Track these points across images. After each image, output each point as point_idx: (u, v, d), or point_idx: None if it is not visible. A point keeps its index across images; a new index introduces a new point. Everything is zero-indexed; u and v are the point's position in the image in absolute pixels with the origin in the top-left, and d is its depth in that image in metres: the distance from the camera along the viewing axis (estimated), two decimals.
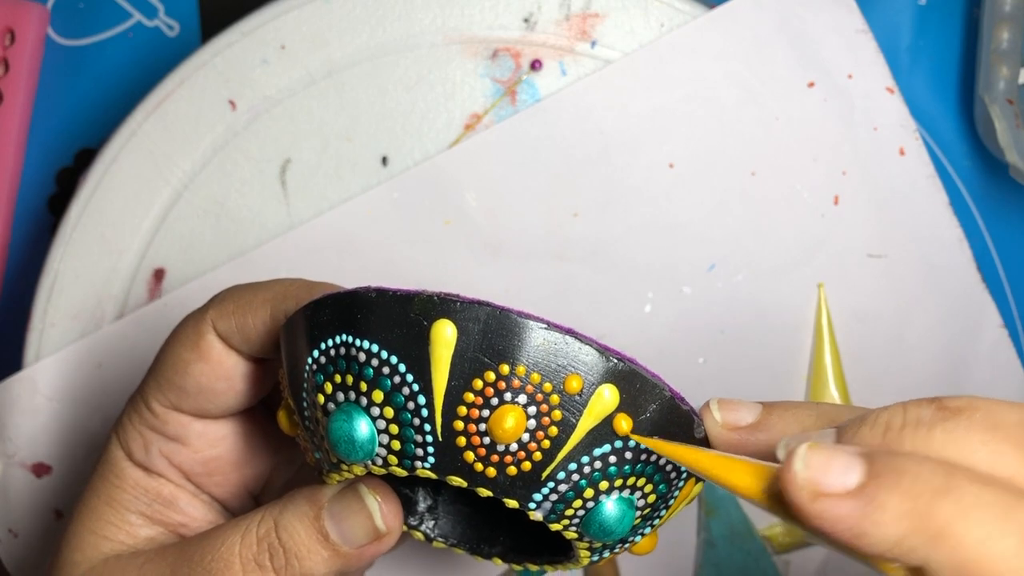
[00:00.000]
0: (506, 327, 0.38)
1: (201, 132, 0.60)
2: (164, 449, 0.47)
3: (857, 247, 0.61)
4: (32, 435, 0.62)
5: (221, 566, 0.43)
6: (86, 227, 0.61)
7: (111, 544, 0.46)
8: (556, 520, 0.40)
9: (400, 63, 0.60)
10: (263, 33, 0.60)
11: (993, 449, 0.34)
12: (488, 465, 0.38)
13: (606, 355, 0.38)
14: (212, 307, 0.45)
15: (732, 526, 0.62)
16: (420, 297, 0.38)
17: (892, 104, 0.60)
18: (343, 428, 0.38)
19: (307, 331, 0.40)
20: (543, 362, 0.38)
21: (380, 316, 0.38)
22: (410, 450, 0.39)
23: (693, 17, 0.60)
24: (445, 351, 0.38)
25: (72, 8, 0.68)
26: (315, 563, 0.43)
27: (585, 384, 0.38)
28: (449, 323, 0.38)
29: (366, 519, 0.43)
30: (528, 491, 0.39)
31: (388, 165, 0.61)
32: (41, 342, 0.61)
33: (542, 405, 0.38)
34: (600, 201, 0.61)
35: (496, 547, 0.47)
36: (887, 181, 0.61)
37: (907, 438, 0.34)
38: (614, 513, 0.39)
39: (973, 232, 0.66)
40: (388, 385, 0.38)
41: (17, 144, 0.68)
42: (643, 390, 0.39)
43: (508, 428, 0.37)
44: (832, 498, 0.33)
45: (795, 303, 0.62)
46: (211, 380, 0.46)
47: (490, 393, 0.38)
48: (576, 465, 0.39)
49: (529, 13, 0.60)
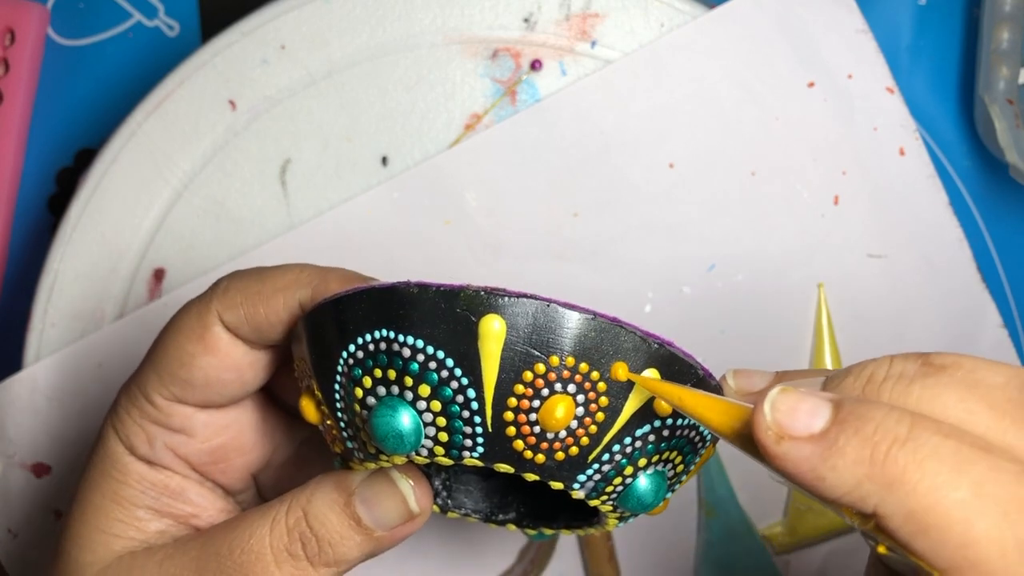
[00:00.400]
0: (554, 319, 0.38)
1: (201, 132, 0.60)
2: (169, 442, 0.47)
3: (857, 247, 0.61)
4: (32, 435, 0.62)
5: (252, 558, 0.43)
6: (86, 227, 0.61)
7: (122, 542, 0.46)
8: (596, 497, 0.41)
9: (400, 63, 0.60)
10: (263, 33, 0.60)
11: (967, 407, 0.34)
12: (538, 452, 0.39)
13: (648, 341, 0.39)
14: (216, 297, 0.45)
15: (732, 526, 0.62)
16: (466, 292, 0.39)
17: (892, 104, 0.60)
18: (389, 423, 0.39)
19: (338, 325, 0.41)
20: (590, 351, 0.39)
21: (423, 312, 0.39)
22: (458, 441, 0.39)
23: (693, 17, 0.60)
24: (495, 346, 0.38)
25: (72, 8, 0.68)
26: (348, 548, 0.43)
27: (629, 370, 0.39)
28: (497, 317, 0.38)
29: (400, 502, 0.43)
30: (573, 473, 0.40)
31: (388, 165, 0.61)
32: (41, 342, 0.61)
33: (590, 393, 0.39)
34: (600, 201, 0.61)
35: (510, 514, 0.48)
36: (887, 181, 0.61)
37: (887, 390, 0.35)
38: (650, 487, 0.41)
39: (973, 232, 0.66)
40: (435, 379, 0.39)
41: (17, 144, 0.68)
42: (680, 371, 0.40)
43: (559, 418, 0.39)
44: (795, 441, 0.34)
45: (795, 303, 0.62)
46: (218, 372, 0.45)
47: (540, 385, 0.39)
48: (619, 446, 0.40)
49: (529, 13, 0.60)
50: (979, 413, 0.34)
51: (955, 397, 0.34)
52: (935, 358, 0.36)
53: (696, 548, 0.63)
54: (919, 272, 0.62)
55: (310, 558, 0.43)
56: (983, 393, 0.35)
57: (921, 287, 0.62)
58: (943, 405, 0.34)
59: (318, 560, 0.43)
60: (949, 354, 0.36)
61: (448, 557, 0.62)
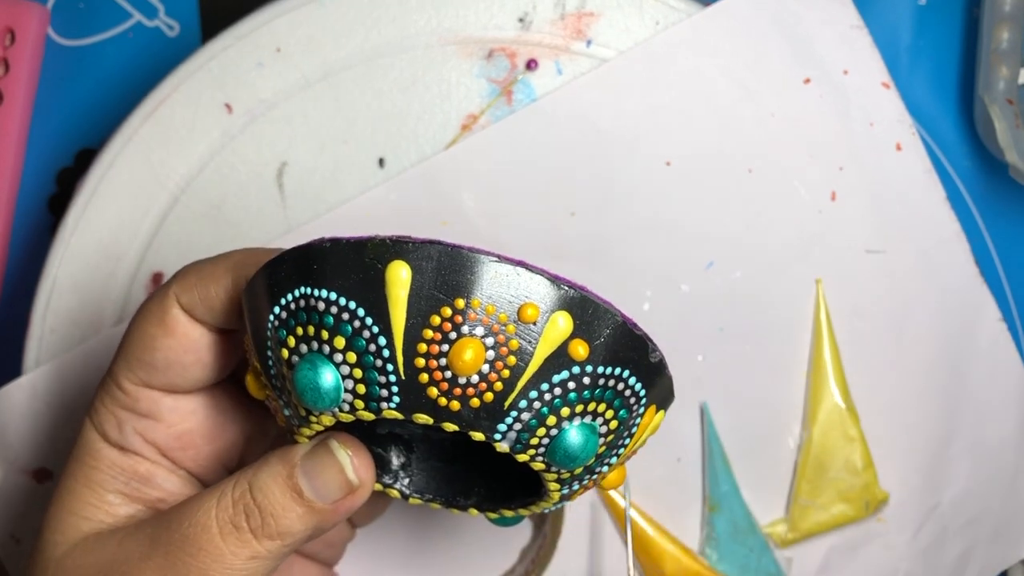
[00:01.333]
0: (458, 263, 0.38)
1: (197, 136, 0.60)
2: (138, 427, 0.47)
3: (855, 243, 0.61)
4: (33, 441, 0.62)
5: (198, 530, 0.43)
6: (84, 232, 0.61)
7: (90, 524, 0.47)
8: (522, 450, 0.40)
9: (395, 65, 0.60)
10: (258, 36, 0.60)
11: None
12: (452, 399, 0.39)
13: (557, 284, 0.39)
14: (175, 282, 0.46)
15: (735, 522, 0.62)
16: (373, 241, 0.39)
17: (888, 99, 0.60)
18: (308, 377, 0.39)
19: (267, 290, 0.41)
20: (497, 294, 0.39)
21: (336, 264, 0.39)
22: (375, 392, 0.39)
23: (688, 15, 0.60)
24: (401, 291, 0.38)
25: (72, 8, 0.68)
26: (291, 521, 0.44)
27: (539, 313, 0.39)
28: (403, 264, 0.38)
29: (338, 473, 0.44)
30: (492, 422, 0.40)
31: (385, 167, 0.61)
32: (41, 348, 0.62)
33: (499, 336, 0.39)
34: (597, 200, 0.61)
35: (471, 498, 0.48)
36: (884, 176, 0.61)
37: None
38: (578, 439, 0.40)
39: (973, 232, 0.65)
40: (349, 331, 0.39)
41: (17, 144, 0.68)
42: (596, 316, 0.40)
43: (467, 360, 0.38)
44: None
45: (793, 299, 0.62)
46: (178, 354, 0.46)
47: (448, 328, 0.38)
48: (536, 393, 0.39)
49: (524, 13, 0.59)
50: None
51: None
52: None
53: (699, 544, 0.63)
54: (917, 267, 0.61)
55: (253, 530, 0.43)
56: None
57: (919, 282, 0.62)
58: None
59: (261, 532, 0.43)
60: None
61: (449, 557, 0.63)
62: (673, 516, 0.63)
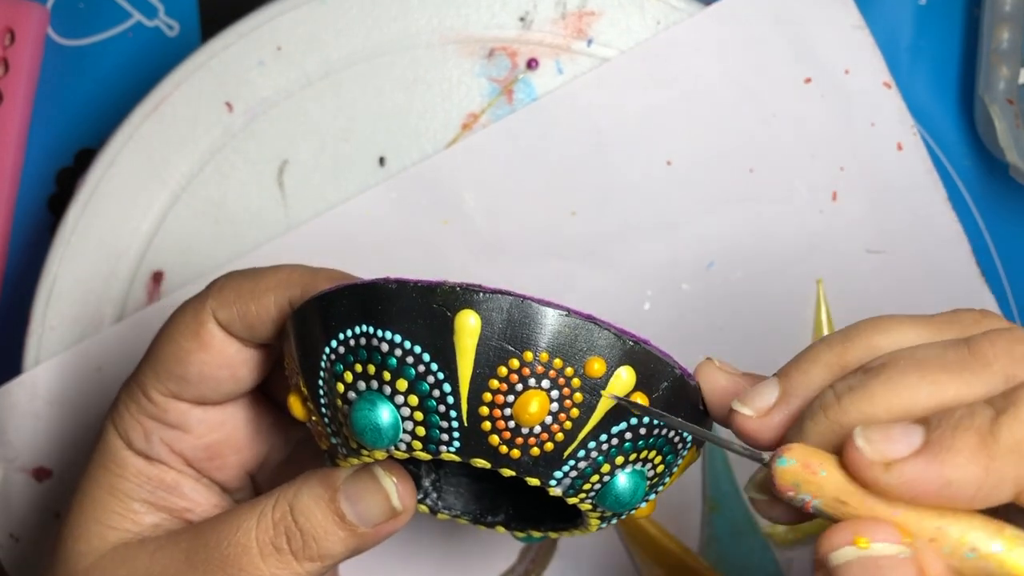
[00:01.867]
0: (528, 315, 0.39)
1: (198, 134, 0.60)
2: (165, 437, 0.47)
3: (856, 243, 0.61)
4: (32, 439, 0.62)
5: (238, 551, 0.44)
6: (84, 230, 0.61)
7: (117, 533, 0.47)
8: (574, 495, 0.41)
9: (396, 63, 0.60)
10: (259, 35, 0.60)
11: (930, 380, 0.35)
12: (512, 447, 0.40)
13: (623, 339, 0.40)
14: (212, 295, 0.46)
15: (735, 523, 0.62)
16: (443, 288, 0.39)
17: (889, 99, 0.60)
18: (368, 417, 0.40)
19: (322, 321, 0.41)
20: (564, 347, 0.39)
21: (402, 307, 0.40)
22: (435, 435, 0.40)
23: (689, 14, 0.60)
24: (470, 340, 0.39)
25: (72, 8, 0.68)
26: (332, 544, 0.44)
27: (605, 367, 0.40)
28: (473, 313, 0.39)
29: (383, 499, 0.44)
30: (549, 469, 0.40)
31: (385, 165, 0.61)
32: (40, 346, 0.61)
33: (564, 389, 0.39)
34: (598, 199, 0.61)
35: (499, 516, 0.48)
36: (885, 176, 0.61)
37: (848, 405, 0.36)
38: (628, 485, 0.41)
39: (973, 232, 0.65)
40: (412, 374, 0.39)
41: (17, 144, 0.68)
42: (656, 369, 0.41)
43: (533, 412, 0.39)
44: (904, 463, 0.34)
45: (794, 299, 0.62)
46: (212, 369, 0.46)
47: (515, 380, 0.39)
48: (595, 443, 0.40)
49: (525, 12, 0.60)
50: (942, 382, 0.35)
51: (916, 378, 0.36)
52: (870, 364, 0.37)
53: (699, 544, 0.63)
54: (918, 267, 0.61)
55: (294, 552, 0.44)
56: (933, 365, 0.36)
57: (920, 282, 0.62)
58: (908, 388, 0.36)
59: (302, 554, 0.44)
60: (878, 356, 0.37)
61: (449, 557, 0.63)
62: (673, 516, 0.63)
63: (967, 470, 0.33)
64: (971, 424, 0.34)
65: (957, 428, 0.34)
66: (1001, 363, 0.35)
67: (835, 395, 0.36)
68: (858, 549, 0.35)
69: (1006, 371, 0.35)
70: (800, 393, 0.39)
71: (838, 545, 0.35)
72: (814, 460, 0.36)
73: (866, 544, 0.35)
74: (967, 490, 0.34)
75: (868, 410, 0.36)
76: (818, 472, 0.36)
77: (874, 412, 0.36)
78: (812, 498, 0.36)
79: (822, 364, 0.39)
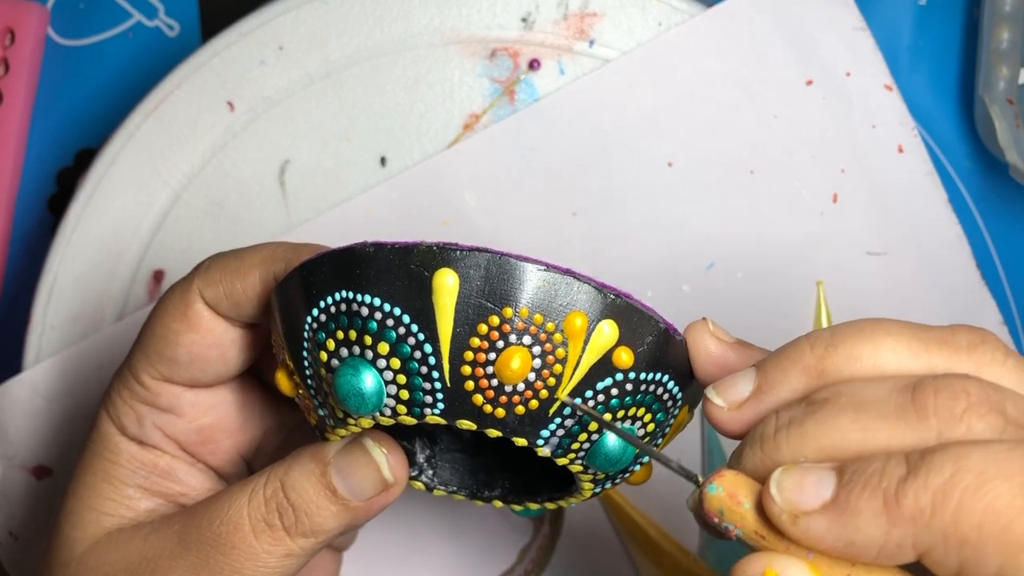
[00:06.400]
0: (506, 271, 0.39)
1: (200, 133, 0.61)
2: (157, 421, 0.47)
3: (856, 245, 0.61)
4: (32, 437, 0.62)
5: (230, 529, 0.44)
6: (85, 229, 0.61)
7: (112, 519, 0.47)
8: (563, 455, 0.41)
9: (398, 63, 0.60)
10: (261, 34, 0.60)
11: (862, 427, 0.35)
12: (497, 406, 0.39)
13: (604, 292, 0.39)
14: (198, 276, 0.46)
15: None
16: (419, 248, 0.39)
17: (890, 101, 0.60)
18: (351, 382, 0.39)
19: (304, 290, 0.41)
20: (544, 303, 0.39)
21: (380, 270, 0.39)
22: (419, 398, 0.40)
23: (691, 16, 0.60)
24: (448, 299, 0.39)
25: (72, 8, 0.68)
26: (324, 519, 0.44)
27: (587, 322, 0.39)
28: (450, 271, 0.39)
29: (373, 471, 0.44)
30: (536, 428, 0.40)
31: (387, 165, 0.61)
32: (41, 344, 0.61)
33: (546, 344, 0.39)
34: (599, 200, 0.61)
35: (496, 490, 0.48)
36: (886, 178, 0.61)
37: (782, 441, 0.36)
38: (618, 444, 0.41)
39: (973, 232, 0.66)
40: (393, 336, 0.39)
41: (17, 144, 0.68)
42: (639, 323, 0.40)
43: (515, 369, 0.39)
44: (810, 516, 0.34)
45: (794, 301, 0.62)
46: (202, 349, 0.46)
47: (495, 337, 0.39)
48: (580, 400, 0.40)
49: (527, 13, 0.60)
50: (874, 428, 0.35)
51: (848, 421, 0.35)
52: (815, 395, 0.37)
53: (698, 545, 0.63)
54: (918, 269, 0.61)
55: (287, 528, 0.44)
56: (870, 410, 0.35)
57: (920, 284, 0.62)
58: (840, 431, 0.35)
59: (295, 530, 0.44)
60: (827, 387, 0.37)
61: (449, 557, 0.63)
62: (672, 517, 0.63)
63: (868, 533, 0.33)
64: (879, 484, 0.33)
65: (865, 487, 0.33)
66: (939, 418, 0.35)
67: (775, 427, 0.36)
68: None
69: (940, 427, 0.35)
70: (774, 393, 0.38)
71: (751, 575, 0.35)
72: (741, 491, 0.36)
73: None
74: (869, 551, 0.33)
75: (798, 449, 0.36)
76: (742, 504, 0.36)
77: (804, 451, 0.36)
78: (735, 527, 0.36)
79: (801, 368, 0.38)
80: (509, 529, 0.63)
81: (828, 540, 0.34)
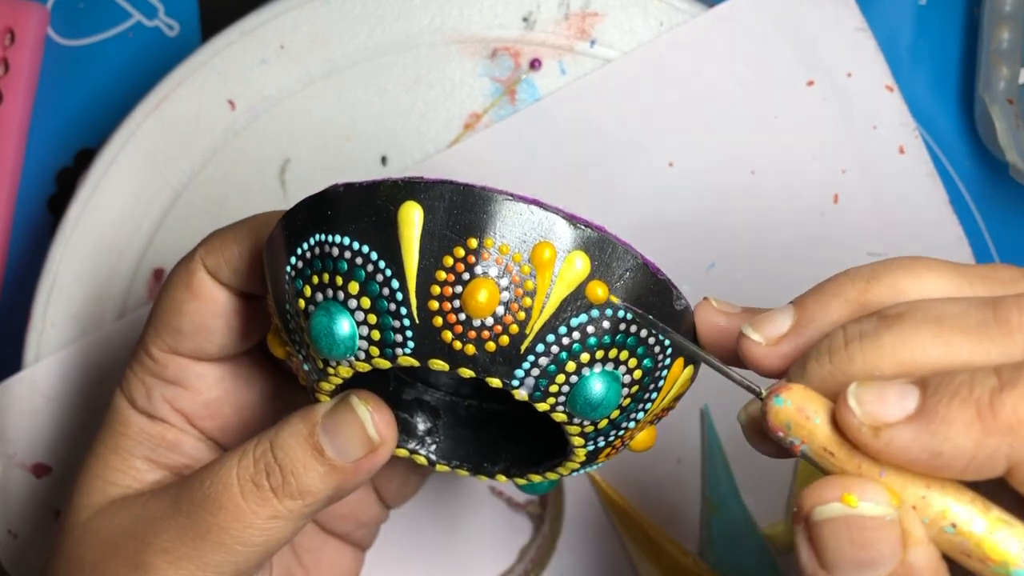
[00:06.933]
0: (471, 201, 0.38)
1: (200, 132, 0.61)
2: (166, 394, 0.48)
3: (857, 246, 0.61)
4: (32, 436, 0.62)
5: (219, 489, 0.44)
6: (86, 227, 0.61)
7: (118, 488, 0.47)
8: (542, 398, 0.40)
9: (399, 63, 0.60)
10: (262, 33, 0.60)
11: (944, 341, 0.34)
12: (467, 343, 0.39)
13: (574, 223, 0.38)
14: (201, 246, 0.47)
15: (734, 525, 0.62)
16: (385, 184, 0.39)
17: (891, 102, 0.60)
18: (322, 323, 0.39)
19: (284, 241, 0.41)
20: (511, 233, 0.38)
21: (349, 208, 0.39)
22: (390, 338, 0.39)
23: (692, 16, 0.60)
24: (413, 232, 0.38)
25: (72, 8, 0.68)
26: (312, 479, 0.43)
27: (555, 252, 0.38)
28: (415, 204, 0.38)
29: (359, 430, 0.43)
30: (509, 367, 0.39)
31: (388, 165, 0.61)
32: (41, 342, 0.61)
33: (513, 276, 0.38)
34: (600, 200, 0.61)
35: (498, 464, 0.47)
36: (887, 179, 0.61)
37: (856, 353, 0.35)
38: (599, 387, 0.39)
39: (973, 232, 0.66)
40: (362, 275, 0.39)
41: (17, 144, 0.68)
42: (614, 257, 0.39)
43: (481, 302, 0.38)
44: (895, 427, 0.33)
45: None
46: (205, 318, 0.47)
47: (461, 269, 0.38)
48: (554, 336, 0.39)
49: (528, 12, 0.60)
50: (957, 343, 0.34)
51: (928, 336, 0.35)
52: (887, 311, 0.36)
53: (698, 545, 0.63)
54: None
55: (274, 489, 0.44)
56: (950, 324, 0.35)
57: None
58: (920, 345, 0.35)
59: (282, 491, 0.43)
60: (899, 303, 0.36)
61: (448, 557, 0.63)
62: (672, 517, 0.63)
63: (958, 443, 0.33)
64: (970, 395, 0.33)
65: (955, 397, 0.33)
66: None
67: (844, 339, 0.36)
68: (845, 507, 0.34)
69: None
70: (814, 326, 0.38)
71: (825, 500, 0.34)
72: (810, 405, 0.35)
73: (854, 502, 0.34)
74: (957, 462, 0.33)
75: (874, 362, 0.35)
76: (812, 419, 0.35)
77: (879, 365, 0.35)
78: (801, 443, 0.35)
79: (843, 299, 0.38)
80: (509, 529, 0.63)
81: (913, 451, 0.33)
